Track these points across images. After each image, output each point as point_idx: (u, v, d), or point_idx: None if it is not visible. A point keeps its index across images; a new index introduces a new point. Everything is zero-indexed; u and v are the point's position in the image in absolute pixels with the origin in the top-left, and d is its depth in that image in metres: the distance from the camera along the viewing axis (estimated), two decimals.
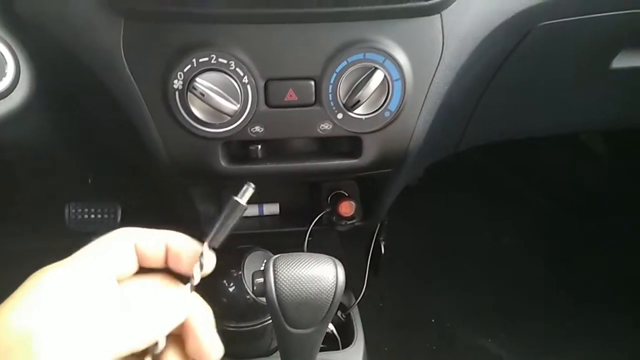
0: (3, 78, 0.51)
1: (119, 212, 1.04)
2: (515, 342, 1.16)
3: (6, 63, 0.51)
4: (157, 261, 0.37)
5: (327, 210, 0.77)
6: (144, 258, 0.36)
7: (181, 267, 0.37)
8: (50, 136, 0.61)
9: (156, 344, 0.35)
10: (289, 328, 0.54)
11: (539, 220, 1.37)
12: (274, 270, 0.53)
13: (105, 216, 1.04)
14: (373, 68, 0.54)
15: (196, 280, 0.37)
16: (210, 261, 0.38)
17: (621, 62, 0.73)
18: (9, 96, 0.52)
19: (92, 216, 1.03)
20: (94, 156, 0.74)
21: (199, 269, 0.37)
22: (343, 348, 0.84)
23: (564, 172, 1.40)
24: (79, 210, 1.03)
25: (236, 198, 0.36)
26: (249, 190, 0.37)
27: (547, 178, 1.39)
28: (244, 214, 0.81)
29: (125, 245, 0.35)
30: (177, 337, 0.37)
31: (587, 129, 1.17)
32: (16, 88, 0.52)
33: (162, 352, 0.35)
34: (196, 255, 0.37)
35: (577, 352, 1.14)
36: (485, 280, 1.26)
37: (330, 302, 0.54)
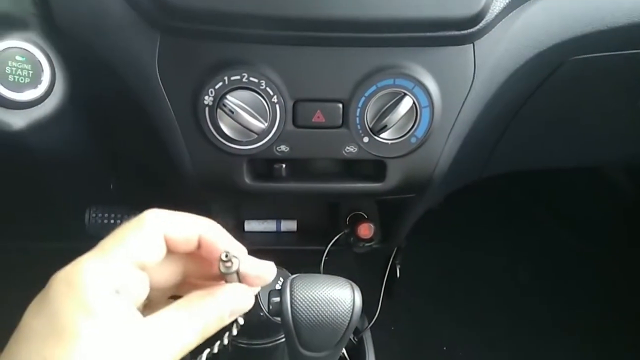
0: (39, 85, 0.52)
1: None
2: None
3: (42, 71, 0.52)
4: (187, 249, 0.35)
5: (346, 231, 0.76)
6: (173, 246, 0.34)
7: (213, 257, 0.35)
8: (79, 143, 0.62)
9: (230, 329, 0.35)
10: (302, 350, 0.54)
11: (557, 251, 1.34)
12: (290, 291, 0.53)
13: (125, 222, 1.04)
14: (402, 94, 0.54)
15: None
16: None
17: None
18: (42, 103, 0.53)
19: (112, 221, 1.04)
20: (119, 163, 0.75)
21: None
22: None
23: (585, 204, 1.37)
24: (99, 214, 1.04)
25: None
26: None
27: (568, 209, 1.36)
28: (263, 230, 0.82)
29: (154, 236, 0.33)
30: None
31: (612, 163, 1.15)
32: (50, 95, 0.53)
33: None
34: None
35: None
36: (500, 310, 1.23)
37: (345, 327, 0.53)
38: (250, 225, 0.79)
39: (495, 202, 1.35)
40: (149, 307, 0.34)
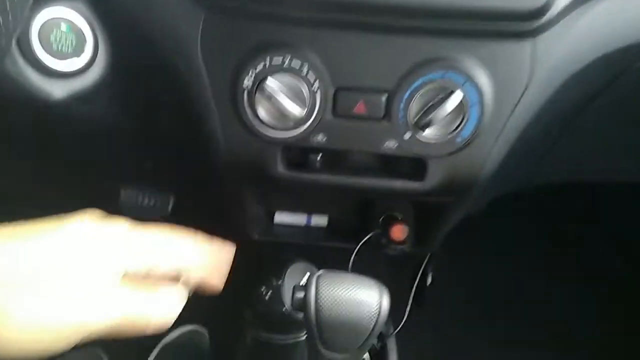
0: (82, 55, 0.52)
1: (171, 203, 1.05)
2: None
3: (86, 41, 0.52)
4: None
5: (378, 231, 0.74)
6: None
7: None
8: (116, 117, 0.61)
9: None
10: (323, 350, 0.52)
11: (601, 272, 1.26)
12: (316, 287, 0.51)
13: (158, 204, 1.05)
14: (451, 89, 0.51)
15: None
16: None
17: None
18: (84, 73, 0.53)
19: (145, 202, 1.05)
20: (154, 143, 0.75)
21: None
22: None
23: (631, 220, 1.29)
24: (134, 195, 1.05)
25: None
26: None
27: (617, 227, 1.28)
28: (293, 223, 0.80)
29: None
30: None
31: None
32: (92, 66, 0.53)
33: None
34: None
35: None
36: (536, 332, 1.17)
37: (370, 330, 0.51)
38: (280, 217, 0.78)
39: (538, 215, 1.29)
40: None
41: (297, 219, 0.78)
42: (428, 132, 0.53)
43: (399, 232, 0.71)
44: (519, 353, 1.14)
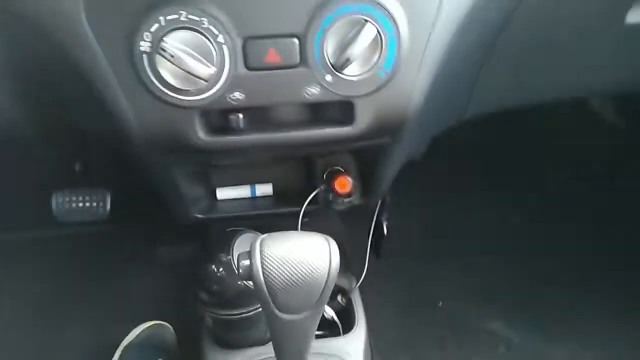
0: None
1: (108, 200, 1.00)
2: (524, 324, 1.11)
3: None
4: None
5: (322, 187, 0.72)
6: None
7: None
8: (15, 108, 0.55)
9: None
10: (279, 313, 0.50)
11: (547, 194, 1.31)
12: (260, 251, 0.49)
13: (94, 204, 0.99)
14: (363, 21, 0.48)
15: None
16: None
17: (637, 16, 0.67)
18: None
19: (80, 204, 0.99)
20: (72, 140, 0.70)
21: None
22: (344, 334, 0.80)
23: (573, 144, 1.33)
24: (67, 199, 0.98)
25: None
26: None
27: (555, 150, 1.33)
28: (237, 197, 0.77)
29: None
30: None
31: (599, 93, 1.10)
32: None
33: None
34: None
35: (587, 333, 1.09)
36: (493, 261, 1.20)
37: (323, 284, 0.49)
38: (223, 193, 0.74)
39: (478, 150, 1.31)
40: None
41: (241, 191, 0.75)
42: (349, 71, 0.50)
43: (343, 184, 0.69)
44: (486, 280, 1.17)
